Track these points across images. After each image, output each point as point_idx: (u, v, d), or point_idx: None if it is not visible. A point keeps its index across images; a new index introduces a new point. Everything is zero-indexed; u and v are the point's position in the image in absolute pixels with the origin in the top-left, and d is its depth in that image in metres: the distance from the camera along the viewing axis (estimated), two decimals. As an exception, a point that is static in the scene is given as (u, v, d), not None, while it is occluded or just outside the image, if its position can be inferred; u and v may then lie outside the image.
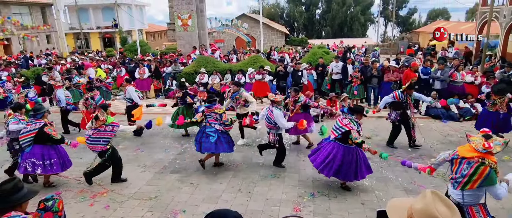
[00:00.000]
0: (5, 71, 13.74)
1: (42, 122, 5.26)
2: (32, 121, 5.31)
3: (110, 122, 5.37)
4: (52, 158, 5.29)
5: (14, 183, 2.62)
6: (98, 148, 5.35)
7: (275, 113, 5.64)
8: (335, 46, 22.47)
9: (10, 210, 2.53)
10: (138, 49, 19.48)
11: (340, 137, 4.96)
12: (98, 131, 5.30)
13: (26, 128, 5.26)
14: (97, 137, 5.30)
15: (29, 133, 5.19)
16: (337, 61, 11.42)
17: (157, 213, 4.71)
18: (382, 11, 39.97)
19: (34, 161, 5.18)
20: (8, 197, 2.54)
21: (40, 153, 5.21)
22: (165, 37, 39.21)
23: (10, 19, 25.76)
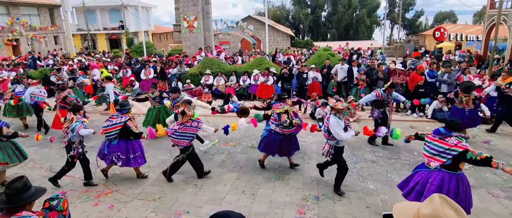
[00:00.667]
0: (13, 71, 13.91)
1: (127, 117, 5.49)
2: (117, 115, 5.52)
3: (195, 118, 5.40)
4: (136, 152, 5.53)
5: (24, 181, 2.64)
6: (183, 143, 5.41)
7: (331, 121, 4.92)
8: (340, 49, 22.39)
9: (21, 209, 2.53)
10: (144, 50, 19.62)
11: (450, 162, 3.86)
12: (184, 126, 5.34)
13: (111, 121, 5.46)
14: (183, 132, 5.34)
15: (114, 126, 5.41)
16: (343, 64, 11.37)
17: (161, 213, 4.71)
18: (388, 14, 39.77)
19: (119, 154, 5.44)
20: (19, 195, 2.56)
21: (125, 147, 5.45)
22: (171, 38, 39.45)
23: (19, 20, 26.12)
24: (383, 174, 5.91)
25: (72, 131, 5.29)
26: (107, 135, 5.51)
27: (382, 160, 6.54)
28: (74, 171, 6.21)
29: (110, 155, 5.51)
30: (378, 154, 6.87)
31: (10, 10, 25.95)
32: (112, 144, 5.50)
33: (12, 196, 2.53)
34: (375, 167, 6.20)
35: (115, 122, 5.43)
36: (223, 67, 13.31)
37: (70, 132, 5.28)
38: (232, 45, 30.99)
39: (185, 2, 17.50)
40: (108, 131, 5.46)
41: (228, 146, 7.43)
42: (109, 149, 5.53)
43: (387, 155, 6.80)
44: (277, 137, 5.73)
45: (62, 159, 6.83)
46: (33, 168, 6.39)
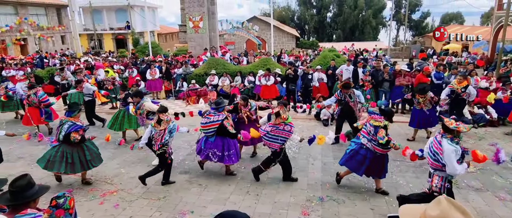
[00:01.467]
0: (20, 70, 14.09)
1: (224, 115, 5.53)
2: (215, 112, 5.56)
3: (289, 122, 5.26)
4: (231, 149, 5.57)
5: (27, 179, 2.66)
6: (274, 145, 5.30)
7: (446, 148, 3.79)
8: (346, 50, 22.33)
9: (26, 207, 2.56)
10: (149, 50, 19.73)
11: None
12: (276, 128, 5.22)
13: (208, 118, 5.52)
14: (276, 135, 5.23)
15: (212, 124, 5.46)
16: (349, 65, 11.34)
17: (166, 213, 4.74)
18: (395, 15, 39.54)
19: (215, 151, 5.51)
20: (23, 193, 2.58)
21: (221, 144, 5.52)
22: (177, 39, 39.66)
23: (27, 20, 26.43)
24: (388, 176, 5.87)
25: (171, 132, 5.33)
26: (205, 131, 5.59)
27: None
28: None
29: (206, 150, 5.60)
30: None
31: (18, 10, 26.29)
32: (209, 140, 5.58)
33: (16, 194, 2.56)
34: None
35: (212, 120, 5.48)
36: (228, 67, 13.34)
37: (168, 133, 5.30)
38: (237, 45, 31.06)
39: (191, 2, 17.58)
40: (206, 127, 5.54)
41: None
42: (206, 145, 5.61)
43: (392, 156, 6.75)
44: (369, 154, 4.88)
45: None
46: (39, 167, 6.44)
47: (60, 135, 5.20)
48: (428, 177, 4.27)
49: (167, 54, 19.81)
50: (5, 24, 24.97)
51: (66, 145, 5.25)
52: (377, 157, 4.88)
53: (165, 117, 5.37)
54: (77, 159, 5.26)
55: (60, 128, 5.22)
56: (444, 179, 3.99)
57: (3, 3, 25.19)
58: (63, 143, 5.25)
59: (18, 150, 7.14)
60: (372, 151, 4.87)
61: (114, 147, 7.46)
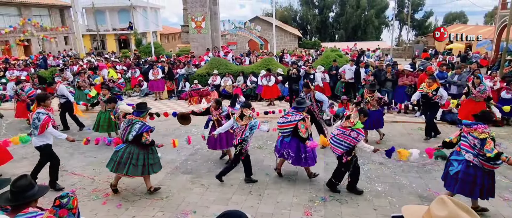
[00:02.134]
0: (24, 71, 14.16)
1: (301, 115, 5.38)
2: (293, 112, 5.46)
3: (357, 128, 4.86)
4: (307, 152, 5.42)
5: (28, 179, 2.68)
6: (338, 150, 5.00)
7: None
8: (348, 50, 22.28)
9: (26, 206, 2.58)
10: (152, 51, 19.78)
11: None
12: (343, 133, 4.92)
13: (286, 118, 5.44)
14: (341, 140, 4.93)
15: (289, 124, 5.37)
16: (352, 64, 11.32)
17: (168, 213, 4.74)
18: (397, 14, 39.41)
19: (289, 151, 5.41)
20: (23, 193, 2.60)
21: (296, 146, 5.38)
22: (179, 39, 39.74)
23: (30, 21, 26.57)
24: (390, 176, 5.86)
25: (252, 129, 5.31)
26: (281, 131, 5.52)
27: (390, 162, 6.47)
28: (82, 168, 6.31)
29: (282, 149, 5.54)
30: (384, 155, 6.80)
31: (22, 11, 26.44)
32: (285, 140, 5.49)
33: (17, 194, 2.58)
34: (382, 169, 6.15)
35: (290, 119, 5.39)
36: (231, 67, 13.34)
37: (248, 129, 5.27)
38: (239, 46, 31.07)
39: (193, 3, 17.62)
40: (282, 127, 5.46)
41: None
42: (281, 144, 5.55)
43: (394, 156, 6.72)
44: (479, 172, 4.24)
45: (71, 157, 6.94)
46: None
47: (130, 135, 4.93)
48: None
49: (170, 55, 19.85)
50: (8, 25, 25.12)
51: (134, 146, 5.02)
52: (486, 173, 4.25)
53: (248, 112, 5.34)
54: (142, 161, 5.03)
55: (130, 128, 4.96)
56: None
57: (7, 4, 25.34)
58: (131, 144, 5.03)
59: (22, 149, 7.16)
60: (480, 167, 4.22)
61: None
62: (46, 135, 5.34)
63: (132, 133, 4.92)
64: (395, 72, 10.36)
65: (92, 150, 7.24)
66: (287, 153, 5.45)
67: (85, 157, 6.96)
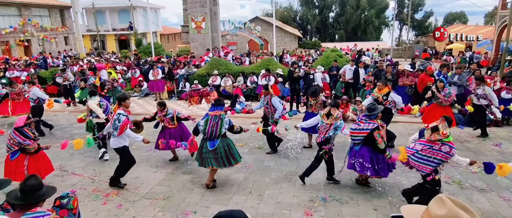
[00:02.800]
0: (24, 71, 14.16)
1: (375, 124, 4.87)
2: (366, 119, 4.99)
3: (448, 141, 4.20)
4: (380, 163, 4.98)
5: (38, 179, 2.73)
6: (425, 168, 4.31)
7: None
8: (349, 50, 22.29)
9: (35, 206, 2.61)
10: (152, 51, 19.79)
11: None
12: (431, 148, 4.27)
13: (359, 125, 5.04)
14: (429, 156, 4.26)
15: (361, 131, 4.96)
16: (352, 65, 11.32)
17: (169, 213, 4.75)
18: (397, 14, 39.43)
19: (362, 162, 5.00)
20: (34, 192, 2.64)
21: (369, 156, 4.95)
22: (179, 39, 39.74)
23: (30, 21, 26.59)
24: (391, 176, 5.83)
25: (336, 129, 5.19)
26: (352, 138, 5.12)
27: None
28: (82, 169, 6.31)
29: (351, 158, 5.15)
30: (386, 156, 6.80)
31: (22, 11, 26.44)
32: (354, 149, 5.11)
33: (28, 193, 2.62)
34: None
35: (362, 127, 4.94)
36: (231, 68, 13.35)
37: (332, 129, 5.18)
38: (239, 46, 31.08)
39: (193, 3, 17.63)
40: (354, 134, 5.05)
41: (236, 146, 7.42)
42: (350, 152, 5.20)
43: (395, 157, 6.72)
44: None
45: (71, 157, 6.94)
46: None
47: (223, 129, 5.17)
48: None
49: (170, 55, 19.86)
50: (9, 26, 25.12)
51: (224, 138, 5.31)
52: None
53: (336, 112, 5.26)
54: (224, 153, 5.23)
55: (220, 123, 5.15)
56: None
57: (7, 4, 25.34)
58: (223, 137, 5.29)
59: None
60: None
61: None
62: (123, 136, 5.38)
63: (225, 126, 5.20)
64: (395, 73, 10.37)
65: (92, 150, 7.24)
66: (360, 163, 4.99)
67: (85, 157, 6.97)
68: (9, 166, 5.22)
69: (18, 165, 5.16)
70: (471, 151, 6.94)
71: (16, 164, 5.16)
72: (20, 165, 5.17)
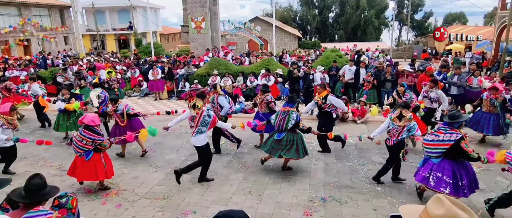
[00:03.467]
0: (24, 71, 14.14)
1: (459, 134, 4.33)
2: (446, 129, 4.48)
3: None
4: (464, 179, 4.42)
5: (43, 178, 2.75)
6: None
7: None
8: (348, 50, 22.30)
9: (38, 204, 2.63)
10: (152, 51, 19.78)
11: None
12: None
13: (437, 135, 4.52)
14: None
15: (441, 143, 4.40)
16: (351, 65, 11.34)
17: (168, 213, 4.74)
18: (397, 15, 39.46)
19: (441, 177, 4.43)
20: (38, 191, 2.66)
21: (452, 170, 4.40)
22: (179, 39, 39.74)
23: (30, 21, 26.57)
24: (390, 176, 5.85)
25: (410, 131, 5.18)
26: (427, 149, 4.63)
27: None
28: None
29: (425, 171, 4.63)
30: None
31: (22, 10, 26.42)
32: (431, 161, 4.59)
33: (33, 192, 2.64)
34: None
35: (443, 139, 4.40)
36: (230, 68, 13.35)
37: (406, 131, 5.18)
38: (239, 46, 31.08)
39: (193, 3, 17.63)
40: (430, 146, 4.55)
41: (235, 147, 7.43)
42: (425, 164, 4.71)
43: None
44: None
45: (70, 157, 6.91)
46: (44, 166, 6.48)
47: (289, 124, 5.64)
48: None
49: (170, 55, 19.85)
50: (8, 25, 25.09)
51: (291, 133, 5.74)
52: None
53: (408, 114, 5.24)
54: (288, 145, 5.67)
55: (288, 118, 5.66)
56: None
57: (7, 4, 25.30)
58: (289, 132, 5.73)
59: (22, 149, 7.15)
60: None
61: (117, 147, 7.46)
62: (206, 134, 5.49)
63: (291, 121, 5.65)
64: (395, 73, 10.38)
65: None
66: (437, 178, 4.44)
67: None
68: (86, 167, 5.07)
69: (97, 164, 5.09)
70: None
71: (95, 164, 5.07)
72: (99, 164, 5.11)
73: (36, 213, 2.53)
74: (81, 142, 5.00)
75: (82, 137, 4.99)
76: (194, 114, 5.31)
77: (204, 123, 5.29)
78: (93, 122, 5.00)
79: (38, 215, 2.53)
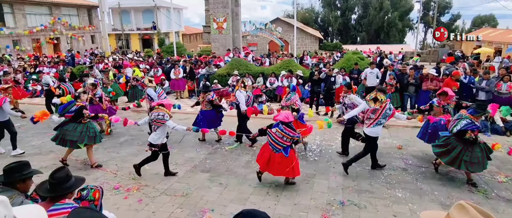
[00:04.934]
0: (53, 68, 14.77)
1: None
2: None
3: None
4: None
5: (65, 172, 2.78)
6: None
7: None
8: (371, 52, 21.88)
9: (63, 197, 2.70)
10: (174, 50, 20.14)
11: None
12: None
13: None
14: None
15: None
16: (372, 68, 11.13)
17: (187, 210, 4.83)
18: (423, 17, 38.33)
19: None
20: (61, 185, 2.70)
21: None
22: (201, 39, 40.27)
23: (60, 20, 27.74)
24: (412, 182, 5.72)
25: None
26: None
27: (412, 168, 6.33)
28: (105, 163, 6.50)
29: None
30: (407, 161, 6.66)
31: (53, 10, 27.63)
32: None
33: (56, 185, 2.68)
34: (404, 175, 6.01)
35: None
36: (251, 68, 13.40)
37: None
38: (260, 47, 31.14)
39: (215, 4, 17.82)
40: None
41: (254, 147, 7.47)
42: None
43: (417, 163, 6.57)
44: None
45: (95, 152, 7.17)
46: (69, 160, 6.72)
47: (455, 128, 5.41)
48: None
49: (191, 55, 20.16)
50: (40, 24, 26.30)
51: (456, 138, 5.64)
52: None
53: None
54: None
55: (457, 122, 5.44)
56: None
57: (40, 3, 26.53)
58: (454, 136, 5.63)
59: (50, 144, 7.46)
60: None
61: (139, 144, 7.68)
62: None
63: (458, 126, 5.42)
64: (419, 77, 10.11)
65: (115, 145, 7.49)
66: None
67: (108, 152, 7.19)
68: (285, 162, 5.25)
69: (293, 158, 5.28)
70: (497, 159, 6.64)
71: (292, 158, 5.26)
72: (295, 159, 5.30)
73: (61, 206, 2.58)
74: (282, 138, 5.23)
75: (283, 134, 5.21)
76: (377, 107, 5.66)
77: (385, 115, 5.67)
78: (288, 118, 5.26)
79: (63, 208, 2.57)
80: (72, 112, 6.20)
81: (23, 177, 2.87)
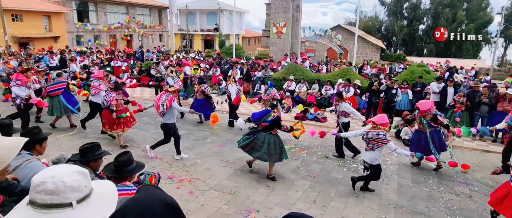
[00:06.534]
0: (125, 62, 16.18)
1: None
2: None
3: None
4: None
5: (128, 156, 3.06)
6: None
7: None
8: (437, 66, 20.32)
9: (125, 179, 2.97)
10: (233, 52, 20.78)
11: None
12: None
13: None
14: None
15: None
16: (440, 82, 10.34)
17: (233, 207, 4.96)
18: (503, 31, 34.50)
19: None
20: (123, 167, 2.98)
21: None
22: (259, 43, 40.99)
23: (134, 19, 30.42)
24: (476, 211, 5.20)
25: None
26: None
27: (478, 195, 5.76)
28: (162, 154, 6.94)
29: None
30: (473, 187, 6.07)
31: (129, 9, 30.41)
32: None
33: (119, 168, 2.98)
34: (467, 202, 5.49)
35: None
36: (307, 74, 13.30)
37: None
38: (317, 53, 30.72)
39: (277, 8, 18.02)
40: None
41: (303, 153, 7.41)
42: None
43: (484, 190, 5.95)
44: None
45: (154, 141, 7.69)
46: (132, 147, 7.31)
47: None
48: None
49: (249, 57, 20.63)
50: (117, 21, 29.12)
51: None
52: None
53: None
54: None
55: None
56: None
57: (119, 3, 29.43)
58: None
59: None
60: None
61: (194, 138, 8.07)
62: None
63: None
64: (494, 96, 9.14)
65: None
66: None
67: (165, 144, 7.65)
68: None
69: None
70: None
71: None
72: None
73: (123, 187, 2.82)
74: None
75: None
76: None
77: None
78: None
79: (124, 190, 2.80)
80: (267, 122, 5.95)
81: (95, 157, 3.21)
